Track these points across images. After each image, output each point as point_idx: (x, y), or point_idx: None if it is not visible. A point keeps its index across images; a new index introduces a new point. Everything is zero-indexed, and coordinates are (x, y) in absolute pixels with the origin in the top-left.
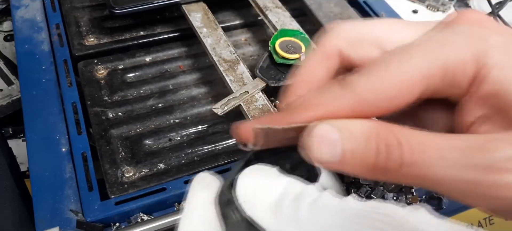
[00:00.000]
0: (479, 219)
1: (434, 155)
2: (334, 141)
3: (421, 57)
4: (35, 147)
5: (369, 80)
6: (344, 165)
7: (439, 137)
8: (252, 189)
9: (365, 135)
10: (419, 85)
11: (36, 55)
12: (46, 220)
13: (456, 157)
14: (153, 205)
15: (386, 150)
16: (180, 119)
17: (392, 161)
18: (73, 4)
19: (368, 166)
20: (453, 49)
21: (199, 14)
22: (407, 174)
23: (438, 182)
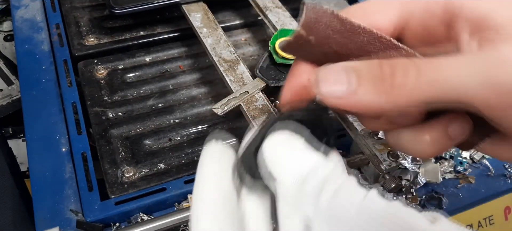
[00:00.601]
0: (479, 219)
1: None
2: (348, 70)
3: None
4: (35, 147)
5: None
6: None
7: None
8: (279, 157)
9: (377, 62)
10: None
11: (36, 55)
12: (46, 220)
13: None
14: (153, 205)
15: (400, 66)
16: (180, 119)
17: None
18: (73, 4)
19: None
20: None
21: (199, 14)
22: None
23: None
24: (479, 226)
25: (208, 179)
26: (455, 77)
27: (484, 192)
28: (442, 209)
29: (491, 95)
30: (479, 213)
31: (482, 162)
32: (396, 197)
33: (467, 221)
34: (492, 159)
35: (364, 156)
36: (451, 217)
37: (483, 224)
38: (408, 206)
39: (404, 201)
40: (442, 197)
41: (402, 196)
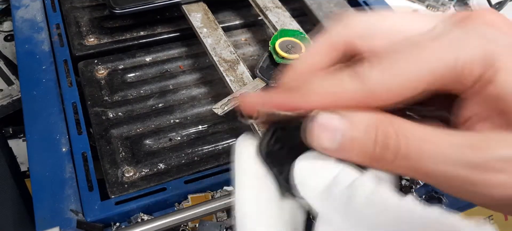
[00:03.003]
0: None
1: (429, 149)
2: (335, 128)
3: (432, 54)
4: (35, 147)
5: (381, 74)
6: (343, 152)
7: (436, 132)
8: (307, 172)
9: (365, 124)
10: (426, 81)
11: (36, 55)
12: (46, 220)
13: (451, 153)
14: (153, 205)
15: (383, 140)
16: (180, 119)
17: (388, 151)
18: (73, 4)
19: (366, 154)
20: (464, 49)
21: (199, 14)
22: (401, 165)
23: (430, 176)
24: None
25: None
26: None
27: None
28: None
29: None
30: (479, 213)
31: None
32: None
33: None
34: None
35: None
36: None
37: None
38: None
39: None
40: (442, 197)
41: None
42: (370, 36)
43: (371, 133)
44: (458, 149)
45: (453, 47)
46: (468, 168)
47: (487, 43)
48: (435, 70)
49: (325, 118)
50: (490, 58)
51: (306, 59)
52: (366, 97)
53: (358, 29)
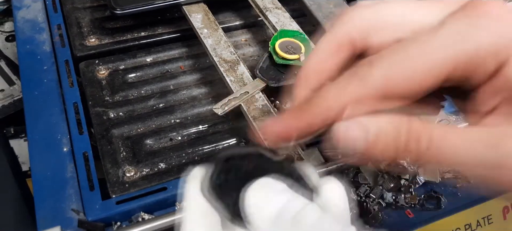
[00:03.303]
0: (478, 219)
1: (449, 145)
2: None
3: (442, 50)
4: (37, 147)
5: (388, 73)
6: (371, 151)
7: (454, 129)
8: (258, 200)
9: (396, 127)
10: (436, 78)
11: (38, 56)
12: (47, 219)
13: (467, 150)
14: (154, 205)
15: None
16: (181, 119)
17: (417, 146)
18: (74, 5)
19: (395, 149)
20: (475, 43)
21: (199, 15)
22: (427, 159)
23: (452, 166)
24: (478, 226)
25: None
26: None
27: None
28: (441, 209)
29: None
30: (477, 213)
31: None
32: (395, 196)
33: (466, 221)
34: None
35: None
36: (449, 216)
37: (481, 224)
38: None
39: (402, 200)
40: (441, 197)
41: (401, 196)
42: (376, 30)
43: (401, 130)
44: (473, 146)
45: (464, 40)
46: (483, 167)
47: (499, 36)
48: (445, 64)
49: (352, 127)
50: (504, 52)
51: (313, 67)
52: (378, 97)
53: (362, 24)
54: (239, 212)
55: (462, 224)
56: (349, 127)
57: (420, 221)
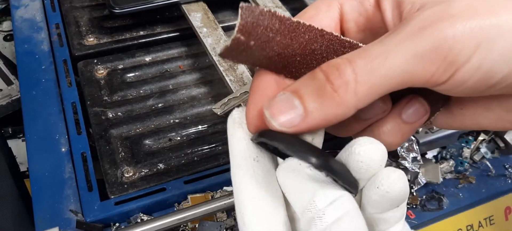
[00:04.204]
0: (480, 219)
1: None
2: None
3: None
4: (35, 147)
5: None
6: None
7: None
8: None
9: (307, 75)
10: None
11: (36, 55)
12: (45, 220)
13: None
14: (153, 205)
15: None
16: (180, 119)
17: (343, 71)
18: (72, 4)
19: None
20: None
21: (199, 14)
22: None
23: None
24: (480, 226)
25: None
26: (390, 60)
27: (485, 192)
28: (442, 209)
29: (424, 67)
30: (479, 213)
31: (482, 162)
32: None
33: (468, 221)
34: (492, 159)
35: None
36: (451, 217)
37: (483, 224)
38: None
39: None
40: (442, 197)
41: None
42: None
43: (318, 73)
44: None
45: None
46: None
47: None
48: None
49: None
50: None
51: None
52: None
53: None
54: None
55: (463, 225)
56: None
57: (422, 222)
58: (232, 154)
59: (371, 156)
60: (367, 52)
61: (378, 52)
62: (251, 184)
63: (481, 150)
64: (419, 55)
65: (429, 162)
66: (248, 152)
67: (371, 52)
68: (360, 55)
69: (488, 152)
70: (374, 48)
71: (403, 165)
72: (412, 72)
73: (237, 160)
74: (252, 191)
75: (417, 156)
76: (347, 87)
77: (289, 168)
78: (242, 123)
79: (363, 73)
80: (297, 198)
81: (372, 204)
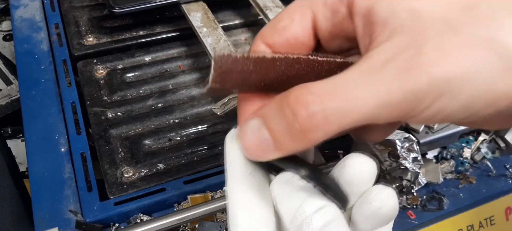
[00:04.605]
0: (480, 220)
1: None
2: (260, 127)
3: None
4: (34, 147)
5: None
6: (281, 146)
7: (337, 77)
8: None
9: (276, 104)
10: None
11: (35, 55)
12: (45, 220)
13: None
14: (152, 206)
15: (300, 106)
16: (179, 119)
17: (312, 112)
18: (72, 4)
19: (297, 132)
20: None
21: (199, 14)
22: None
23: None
24: (480, 227)
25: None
26: (356, 109)
27: (485, 192)
28: (442, 210)
29: (389, 112)
30: (480, 214)
31: (483, 163)
32: None
33: (468, 222)
34: (493, 160)
35: None
36: (451, 217)
37: (484, 225)
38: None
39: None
40: (443, 198)
41: (403, 197)
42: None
43: (284, 107)
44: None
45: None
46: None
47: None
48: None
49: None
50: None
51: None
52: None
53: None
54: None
55: (464, 225)
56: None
57: (422, 222)
58: (228, 168)
59: (363, 169)
60: (337, 92)
61: (348, 94)
62: (245, 197)
63: (482, 150)
64: (387, 104)
65: (429, 162)
66: (244, 167)
67: (342, 92)
68: (330, 94)
69: (488, 152)
70: (344, 87)
71: (403, 165)
72: (379, 115)
73: (233, 173)
74: (246, 203)
75: (418, 156)
76: (317, 127)
77: (281, 180)
78: (239, 139)
79: (332, 114)
80: (287, 207)
81: (363, 220)
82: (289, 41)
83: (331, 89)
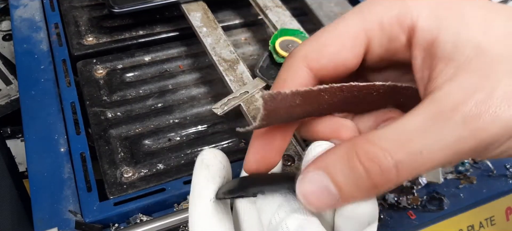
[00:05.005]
0: (481, 220)
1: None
2: (325, 180)
3: (355, 16)
4: (34, 147)
5: (312, 44)
6: (348, 199)
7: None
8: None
9: (343, 158)
10: (358, 39)
11: (35, 55)
12: (44, 221)
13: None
14: (152, 206)
15: (373, 163)
16: (179, 119)
17: (386, 168)
18: (72, 4)
19: (368, 187)
20: (376, 16)
21: (198, 14)
22: (405, 170)
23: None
24: (481, 227)
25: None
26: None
27: (486, 192)
28: (443, 210)
29: (460, 157)
30: (480, 214)
31: (483, 163)
32: (397, 197)
33: (468, 222)
34: (493, 160)
35: None
36: (452, 217)
37: (484, 225)
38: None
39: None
40: (443, 198)
41: (403, 197)
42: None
43: (356, 164)
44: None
45: (363, 19)
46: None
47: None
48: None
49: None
50: (403, 18)
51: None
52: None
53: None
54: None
55: (464, 225)
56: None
57: (422, 223)
58: (192, 191)
59: None
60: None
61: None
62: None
63: None
64: (459, 152)
65: None
66: (206, 191)
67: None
68: (401, 147)
69: None
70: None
71: None
72: (450, 162)
73: (195, 198)
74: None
75: None
76: (390, 181)
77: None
78: (209, 165)
79: (404, 168)
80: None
81: (344, 222)
82: (337, 68)
83: (400, 141)
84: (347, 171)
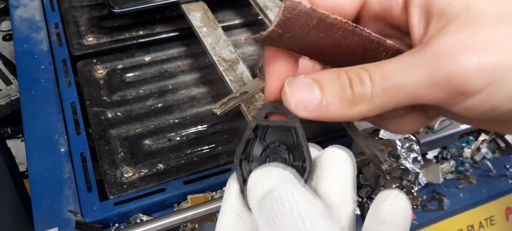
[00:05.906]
0: (480, 220)
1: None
2: (311, 84)
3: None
4: (34, 147)
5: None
6: (327, 106)
7: (389, 61)
8: (253, 185)
9: (332, 72)
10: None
11: (35, 55)
12: (45, 220)
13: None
14: (152, 206)
15: (357, 78)
16: (179, 119)
17: (366, 85)
18: (72, 4)
19: (348, 98)
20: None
21: (198, 14)
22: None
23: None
24: (480, 227)
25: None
26: (404, 82)
27: (485, 192)
28: (443, 210)
29: (434, 93)
30: (480, 214)
31: (483, 163)
32: None
33: (468, 222)
34: (493, 160)
35: (365, 156)
36: (452, 217)
37: (484, 225)
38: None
39: None
40: (443, 198)
41: None
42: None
43: (343, 77)
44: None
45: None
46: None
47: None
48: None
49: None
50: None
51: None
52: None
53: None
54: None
55: (464, 225)
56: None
57: (422, 223)
58: (222, 205)
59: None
60: (386, 70)
61: (395, 72)
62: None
63: (482, 150)
64: (432, 83)
65: (429, 162)
66: (234, 206)
67: (390, 71)
68: (380, 72)
69: (488, 152)
70: (393, 66)
71: (403, 166)
72: (422, 95)
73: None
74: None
75: (418, 156)
76: (364, 98)
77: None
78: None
79: (378, 90)
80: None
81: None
82: (333, 7)
83: (381, 68)
84: (332, 79)
